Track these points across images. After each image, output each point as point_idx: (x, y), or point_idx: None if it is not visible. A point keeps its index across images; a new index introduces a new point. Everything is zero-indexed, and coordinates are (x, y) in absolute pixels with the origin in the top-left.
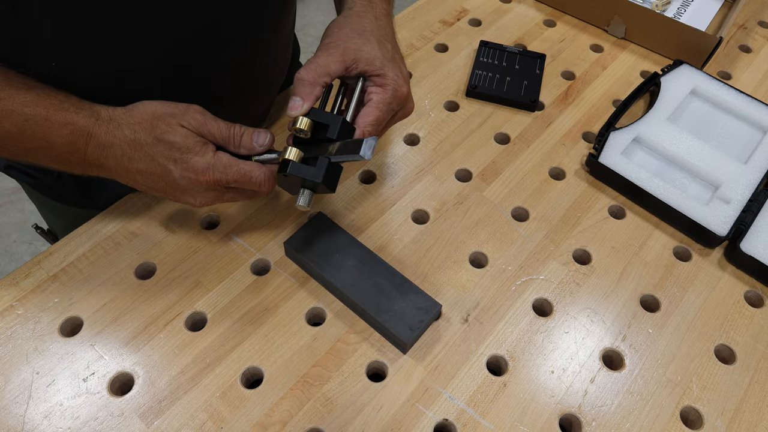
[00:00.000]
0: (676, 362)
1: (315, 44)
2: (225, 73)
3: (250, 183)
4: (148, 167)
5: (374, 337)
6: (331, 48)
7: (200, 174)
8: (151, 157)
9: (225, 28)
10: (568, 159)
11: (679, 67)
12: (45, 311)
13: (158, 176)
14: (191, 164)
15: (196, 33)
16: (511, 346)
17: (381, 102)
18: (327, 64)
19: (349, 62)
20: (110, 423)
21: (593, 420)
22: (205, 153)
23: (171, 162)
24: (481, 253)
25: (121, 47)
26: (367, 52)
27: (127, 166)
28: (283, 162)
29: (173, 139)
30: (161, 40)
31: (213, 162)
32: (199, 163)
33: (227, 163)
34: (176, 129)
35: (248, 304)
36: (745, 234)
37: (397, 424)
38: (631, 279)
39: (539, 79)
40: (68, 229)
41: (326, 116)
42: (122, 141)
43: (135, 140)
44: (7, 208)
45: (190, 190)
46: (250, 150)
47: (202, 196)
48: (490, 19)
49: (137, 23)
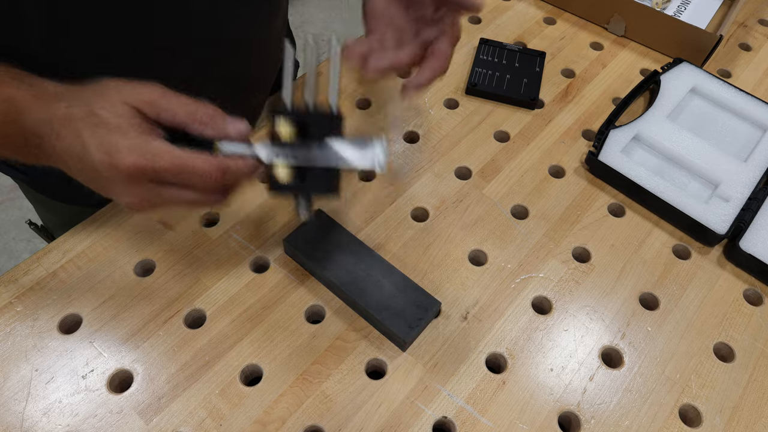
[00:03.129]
0: (674, 360)
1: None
2: (204, 70)
3: (189, 173)
4: (71, 146)
5: (373, 334)
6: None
7: (120, 157)
8: (77, 134)
9: (198, 26)
10: (567, 157)
11: (679, 65)
12: (44, 308)
13: (78, 157)
14: (109, 143)
15: (175, 27)
16: (510, 344)
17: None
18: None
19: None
20: (109, 420)
21: (592, 418)
22: (130, 133)
23: (94, 141)
24: (480, 251)
25: (99, 33)
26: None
27: (54, 144)
28: (270, 177)
29: (104, 114)
30: (138, 34)
31: (138, 143)
32: (118, 144)
33: (159, 147)
34: (115, 105)
35: (247, 302)
36: (744, 232)
37: (396, 422)
38: (631, 277)
39: (539, 77)
40: (63, 226)
41: (312, 116)
42: (54, 115)
43: (67, 114)
44: (6, 205)
45: (111, 181)
46: (218, 131)
47: (125, 191)
48: (490, 16)
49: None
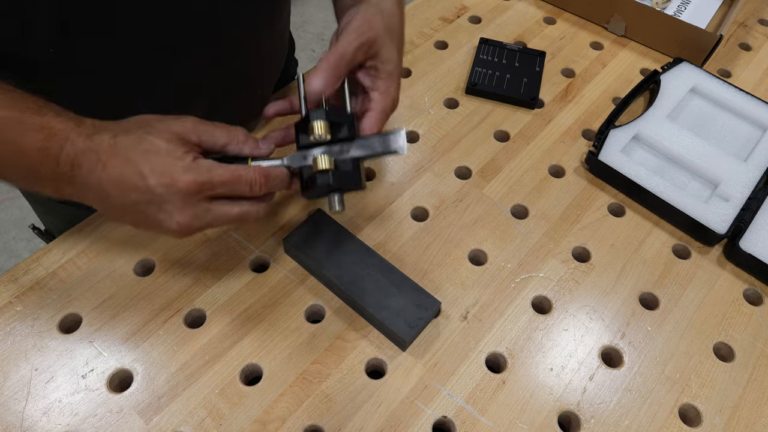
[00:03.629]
0: (674, 360)
1: (314, 42)
2: (205, 70)
3: (240, 183)
4: (122, 174)
5: (373, 334)
6: (359, 33)
7: (178, 177)
8: (128, 161)
9: (198, 26)
10: (567, 157)
11: (679, 65)
12: (44, 308)
13: (132, 186)
14: (168, 167)
15: (175, 27)
16: (510, 344)
17: (384, 110)
18: (353, 51)
19: (370, 55)
20: (109, 419)
21: (592, 417)
22: (185, 157)
23: (148, 166)
24: (480, 250)
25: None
26: (388, 52)
27: (99, 176)
28: (318, 173)
29: (155, 140)
30: (143, 35)
31: (190, 164)
32: (177, 166)
33: (210, 165)
34: (161, 132)
35: (247, 301)
36: (744, 232)
37: (396, 421)
38: (630, 277)
39: (539, 77)
40: (64, 228)
41: (337, 114)
42: (99, 145)
43: (114, 144)
44: (5, 205)
45: (166, 204)
46: (253, 149)
47: (180, 212)
48: (490, 16)
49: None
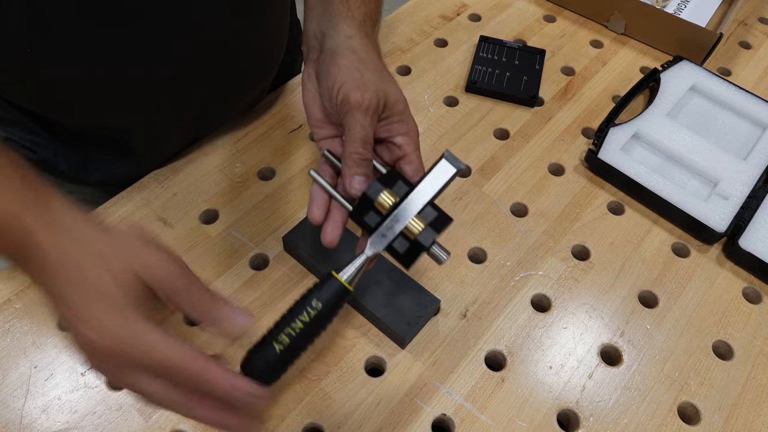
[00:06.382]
0: (673, 358)
1: None
2: (187, 70)
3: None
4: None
5: (373, 332)
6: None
7: (102, 336)
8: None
9: (176, 26)
10: (567, 155)
11: (679, 63)
12: (43, 305)
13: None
14: (98, 318)
15: (152, 27)
16: (509, 342)
17: (417, 147)
18: (370, 128)
19: (380, 112)
20: (108, 417)
21: (591, 415)
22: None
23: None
24: (479, 248)
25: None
26: (391, 94)
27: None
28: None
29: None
30: (135, 19)
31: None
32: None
33: (157, 339)
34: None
35: (247, 299)
36: (743, 230)
37: (396, 419)
38: (630, 275)
39: (539, 75)
40: None
41: (386, 178)
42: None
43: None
44: None
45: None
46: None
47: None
48: (489, 14)
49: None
